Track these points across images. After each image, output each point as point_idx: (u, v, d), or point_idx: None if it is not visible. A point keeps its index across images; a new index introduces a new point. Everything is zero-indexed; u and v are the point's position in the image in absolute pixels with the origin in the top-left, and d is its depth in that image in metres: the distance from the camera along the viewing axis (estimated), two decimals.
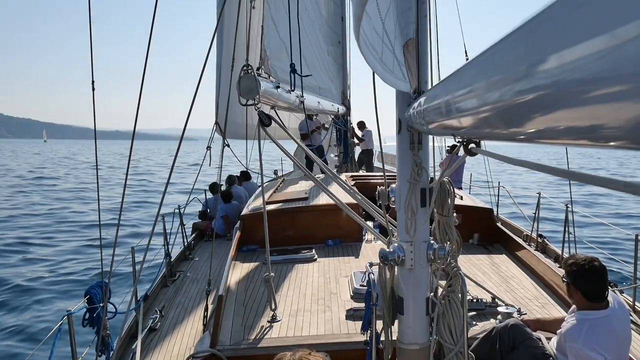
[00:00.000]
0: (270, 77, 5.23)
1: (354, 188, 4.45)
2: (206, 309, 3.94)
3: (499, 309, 3.59)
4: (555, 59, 0.55)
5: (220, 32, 7.11)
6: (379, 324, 2.55)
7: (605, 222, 7.53)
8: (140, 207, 20.75)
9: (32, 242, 14.26)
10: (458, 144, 1.63)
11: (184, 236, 7.05)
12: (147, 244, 3.18)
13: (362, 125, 12.92)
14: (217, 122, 7.14)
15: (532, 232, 6.40)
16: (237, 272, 4.77)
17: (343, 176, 7.54)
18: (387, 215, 2.58)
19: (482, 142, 1.66)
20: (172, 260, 5.88)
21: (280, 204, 6.05)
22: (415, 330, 2.40)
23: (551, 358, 2.82)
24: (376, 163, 12.68)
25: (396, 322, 2.48)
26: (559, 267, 4.52)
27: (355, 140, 12.41)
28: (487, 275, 4.62)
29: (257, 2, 5.34)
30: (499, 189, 8.20)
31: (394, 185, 2.41)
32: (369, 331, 2.63)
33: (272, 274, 3.80)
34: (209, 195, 9.13)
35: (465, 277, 2.40)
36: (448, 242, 2.43)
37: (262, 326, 3.60)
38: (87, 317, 3.82)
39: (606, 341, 2.54)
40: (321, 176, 7.35)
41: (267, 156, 6.36)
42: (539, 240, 6.07)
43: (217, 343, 3.32)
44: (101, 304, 3.71)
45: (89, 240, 13.98)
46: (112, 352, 3.60)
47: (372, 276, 2.52)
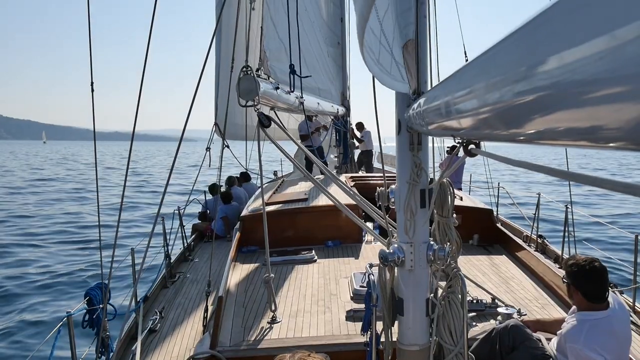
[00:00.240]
0: (270, 78, 5.22)
1: (354, 189, 4.45)
2: (206, 310, 3.94)
3: (499, 309, 3.59)
4: (555, 60, 0.54)
5: (220, 32, 7.10)
6: (379, 325, 2.55)
7: (604, 222, 7.52)
8: (140, 208, 20.74)
9: (33, 243, 14.24)
10: (458, 145, 1.63)
11: (184, 237, 7.04)
12: (147, 245, 3.19)
13: (360, 126, 12.90)
14: (216, 123, 7.13)
15: (532, 233, 6.38)
16: (236, 273, 4.76)
17: (342, 177, 7.53)
18: (386, 216, 2.58)
19: (481, 143, 1.66)
20: (171, 261, 5.88)
21: (280, 205, 6.05)
22: (415, 331, 2.40)
23: (551, 359, 2.82)
24: (376, 164, 12.66)
25: (396, 323, 2.48)
26: (559, 268, 4.52)
27: (354, 141, 12.40)
28: (487, 276, 4.61)
29: (257, 3, 5.33)
30: (498, 189, 8.19)
31: (393, 186, 2.41)
32: (369, 332, 2.63)
33: (272, 275, 3.80)
34: (209, 196, 9.14)
35: (465, 278, 2.40)
36: (448, 243, 2.43)
37: (262, 327, 3.60)
38: (86, 318, 3.82)
39: (606, 342, 2.54)
40: (321, 177, 7.35)
41: (266, 157, 6.35)
42: (539, 240, 6.06)
43: (217, 344, 3.32)
44: (101, 305, 3.71)
45: (88, 241, 13.97)
46: (111, 353, 3.59)
47: (372, 277, 2.51)
